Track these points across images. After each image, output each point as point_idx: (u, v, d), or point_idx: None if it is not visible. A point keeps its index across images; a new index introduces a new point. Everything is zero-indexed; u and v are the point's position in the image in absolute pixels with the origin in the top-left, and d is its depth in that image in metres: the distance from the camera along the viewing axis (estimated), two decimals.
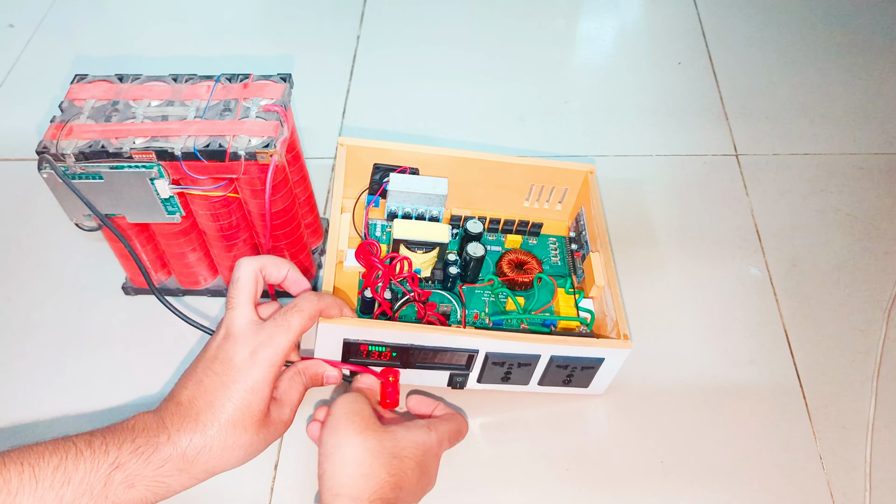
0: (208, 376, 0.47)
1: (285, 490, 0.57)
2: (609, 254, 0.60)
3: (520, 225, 0.68)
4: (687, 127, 0.82)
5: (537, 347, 0.55)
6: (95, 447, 0.42)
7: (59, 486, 0.40)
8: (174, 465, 0.44)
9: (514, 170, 0.66)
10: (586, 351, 0.55)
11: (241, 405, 0.46)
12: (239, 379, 0.46)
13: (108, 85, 0.58)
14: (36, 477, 0.40)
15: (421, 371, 0.57)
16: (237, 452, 0.47)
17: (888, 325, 0.65)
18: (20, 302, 0.69)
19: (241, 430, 0.46)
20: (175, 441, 0.45)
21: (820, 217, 0.73)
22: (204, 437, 0.45)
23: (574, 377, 0.58)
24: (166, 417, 0.46)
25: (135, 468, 0.43)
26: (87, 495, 0.41)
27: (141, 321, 0.67)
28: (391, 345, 0.54)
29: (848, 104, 0.84)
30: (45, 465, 0.41)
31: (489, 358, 0.55)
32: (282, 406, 0.50)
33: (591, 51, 0.93)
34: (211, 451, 0.45)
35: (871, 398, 0.60)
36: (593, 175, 0.66)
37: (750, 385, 0.61)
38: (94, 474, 0.41)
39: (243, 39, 0.95)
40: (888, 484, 0.56)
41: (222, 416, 0.46)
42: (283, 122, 0.56)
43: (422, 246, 0.61)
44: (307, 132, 0.82)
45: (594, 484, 0.56)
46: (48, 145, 0.54)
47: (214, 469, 0.46)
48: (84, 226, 0.58)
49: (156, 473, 0.44)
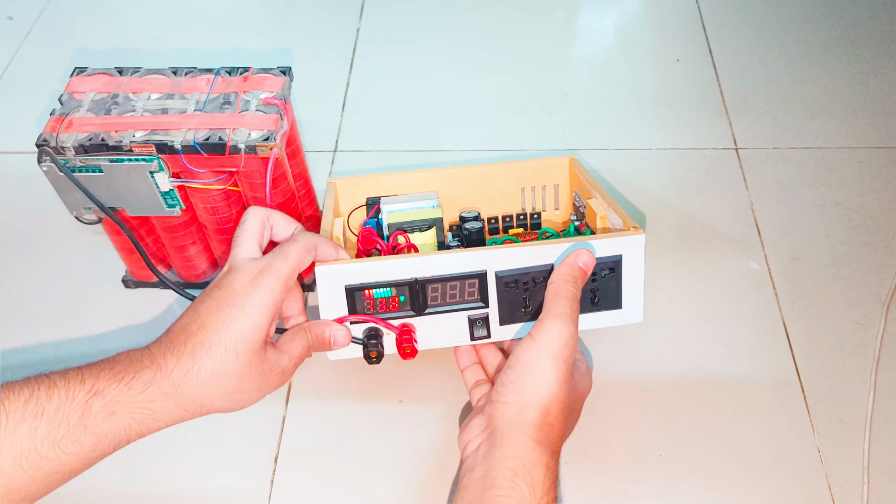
0: (204, 303, 0.45)
1: (286, 488, 0.57)
2: (607, 196, 0.59)
3: (519, 217, 0.67)
4: (687, 120, 0.82)
5: (548, 254, 0.51)
6: (70, 377, 0.40)
7: (31, 418, 0.38)
8: (158, 388, 0.41)
9: (500, 173, 0.66)
10: (600, 249, 0.52)
11: (236, 328, 0.44)
12: (236, 302, 0.44)
13: (107, 78, 0.58)
14: (5, 410, 0.37)
15: (438, 324, 0.54)
16: (227, 381, 0.43)
17: (887, 318, 0.65)
18: (19, 295, 0.69)
19: (232, 355, 0.43)
20: (160, 364, 0.42)
21: (819, 211, 0.73)
22: (192, 359, 0.42)
23: (600, 291, 0.54)
24: (153, 347, 0.43)
25: (114, 394, 0.40)
26: (63, 426, 0.38)
27: (141, 314, 0.67)
28: (396, 283, 0.52)
29: (848, 98, 0.84)
30: (14, 398, 0.38)
31: (500, 280, 0.52)
32: (281, 353, 0.48)
33: (590, 44, 0.93)
34: (199, 375, 0.42)
35: (869, 392, 0.60)
36: (576, 160, 0.65)
37: (749, 379, 0.61)
38: (69, 403, 0.39)
39: (243, 32, 0.95)
40: (886, 477, 0.56)
41: (214, 336, 0.43)
42: (283, 116, 0.56)
43: (418, 225, 0.61)
44: (307, 125, 0.82)
45: (593, 477, 0.56)
46: (48, 138, 0.54)
47: (202, 399, 0.43)
48: (84, 219, 0.58)
49: (139, 399, 0.41)
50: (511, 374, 0.48)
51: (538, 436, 0.45)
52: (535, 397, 0.46)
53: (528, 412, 0.46)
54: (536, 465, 0.44)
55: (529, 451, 0.44)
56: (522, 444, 0.45)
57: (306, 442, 0.59)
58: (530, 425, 0.46)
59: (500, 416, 0.47)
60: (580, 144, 0.80)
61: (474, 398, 0.55)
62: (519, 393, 0.47)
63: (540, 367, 0.47)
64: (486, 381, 0.56)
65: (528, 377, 0.47)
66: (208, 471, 0.57)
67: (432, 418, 0.59)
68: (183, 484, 0.57)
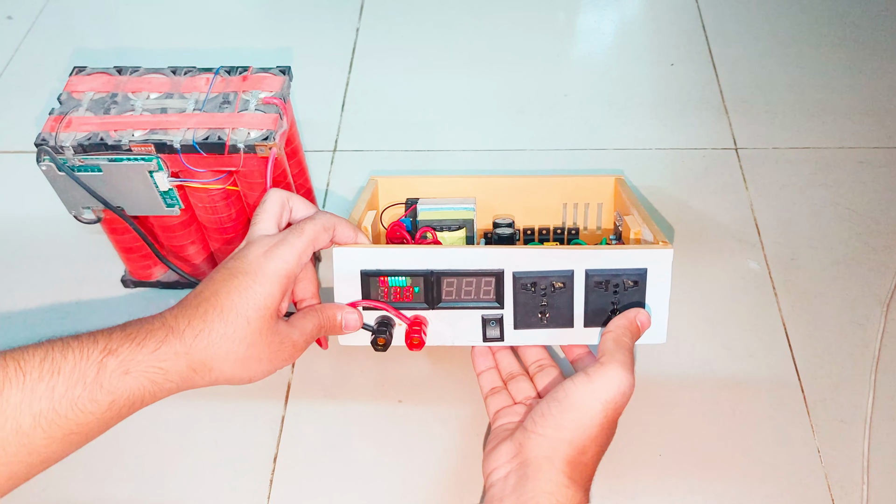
0: (219, 272, 0.46)
1: (285, 488, 0.57)
2: (644, 212, 0.58)
3: (556, 231, 0.66)
4: (686, 120, 0.82)
5: (568, 259, 0.50)
6: (83, 339, 0.40)
7: (48, 377, 0.38)
8: (170, 347, 0.42)
9: (542, 187, 0.64)
10: (624, 259, 0.50)
11: (249, 294, 0.44)
12: (249, 270, 0.45)
13: (106, 77, 0.58)
14: (22, 370, 0.38)
15: (451, 320, 0.53)
16: (237, 347, 0.44)
17: (887, 319, 0.65)
18: (18, 294, 0.69)
19: (243, 321, 0.44)
20: (171, 325, 0.43)
21: (819, 211, 0.73)
22: (204, 321, 0.43)
23: (621, 305, 0.52)
24: (165, 312, 0.44)
25: (128, 353, 0.40)
26: (80, 384, 0.39)
27: (140, 314, 0.66)
28: (412, 272, 0.51)
29: (848, 98, 0.84)
30: (29, 358, 0.38)
31: (518, 281, 0.51)
32: (292, 327, 0.48)
33: (590, 44, 0.93)
34: (210, 337, 0.43)
35: (869, 392, 0.60)
36: (622, 180, 0.64)
37: (748, 379, 0.61)
38: (85, 362, 0.39)
39: (242, 32, 0.95)
40: (886, 477, 0.56)
41: (226, 301, 0.44)
42: (283, 115, 0.56)
43: (449, 225, 0.60)
44: (306, 125, 0.82)
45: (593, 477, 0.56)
46: (47, 137, 0.54)
47: (212, 362, 0.43)
48: (83, 218, 0.58)
49: (151, 358, 0.41)
50: (555, 407, 0.47)
51: (572, 473, 0.45)
52: (576, 436, 0.46)
53: (565, 449, 0.46)
54: (570, 502, 0.44)
55: (564, 487, 0.44)
56: (556, 480, 0.45)
57: (305, 442, 0.59)
58: (565, 461, 0.46)
59: (535, 448, 0.46)
60: (580, 144, 0.80)
61: (491, 410, 0.55)
62: (559, 429, 0.46)
63: (590, 408, 0.46)
64: (503, 388, 0.56)
65: (575, 416, 0.46)
66: (207, 470, 0.57)
67: (432, 419, 0.59)
68: (182, 484, 0.57)
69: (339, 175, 0.78)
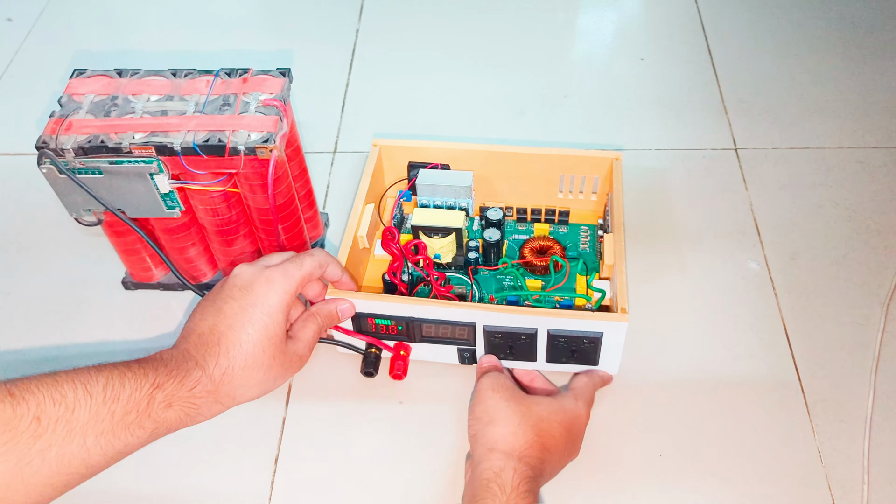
0: (227, 303, 0.50)
1: (286, 490, 0.57)
2: (621, 235, 0.61)
3: (547, 213, 0.69)
4: (686, 121, 0.82)
5: (532, 321, 0.56)
6: (135, 370, 0.45)
7: (110, 402, 0.43)
8: (203, 387, 0.47)
9: (542, 161, 0.67)
10: (583, 325, 0.55)
11: (260, 326, 0.49)
12: (257, 302, 0.50)
13: (107, 80, 0.58)
14: (89, 393, 0.42)
15: (431, 346, 0.60)
16: (256, 373, 0.50)
17: (887, 318, 0.65)
18: (19, 297, 0.69)
19: (259, 350, 0.49)
20: (202, 365, 0.48)
21: (819, 211, 0.73)
22: (227, 359, 0.48)
23: (579, 353, 0.58)
24: (191, 349, 0.49)
25: (171, 389, 0.46)
26: (134, 411, 0.44)
27: (141, 315, 0.67)
28: (394, 317, 0.57)
29: (847, 98, 0.84)
30: (94, 383, 0.43)
31: (488, 331, 0.57)
32: (296, 342, 0.53)
33: (590, 44, 0.93)
34: (234, 371, 0.48)
35: (869, 392, 0.60)
36: (619, 161, 0.66)
37: (749, 379, 0.61)
38: (139, 392, 0.44)
39: (242, 34, 0.95)
40: (886, 477, 0.56)
41: (243, 335, 0.49)
42: (283, 117, 0.56)
43: (438, 231, 0.64)
44: (306, 126, 0.82)
45: (593, 477, 0.56)
46: (47, 140, 0.54)
47: (235, 392, 0.49)
48: (83, 220, 0.59)
49: (189, 395, 0.46)
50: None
51: (506, 448, 0.50)
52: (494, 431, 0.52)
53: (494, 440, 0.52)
54: (505, 469, 0.49)
55: (497, 460, 0.50)
56: (491, 458, 0.50)
57: (306, 443, 0.59)
58: (495, 442, 0.51)
59: (477, 447, 0.52)
60: (580, 145, 0.80)
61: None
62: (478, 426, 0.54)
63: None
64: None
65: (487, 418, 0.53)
66: (209, 472, 0.57)
67: (432, 419, 0.59)
68: (184, 486, 0.57)
69: (339, 176, 0.78)
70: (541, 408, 0.53)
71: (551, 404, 0.54)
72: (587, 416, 0.55)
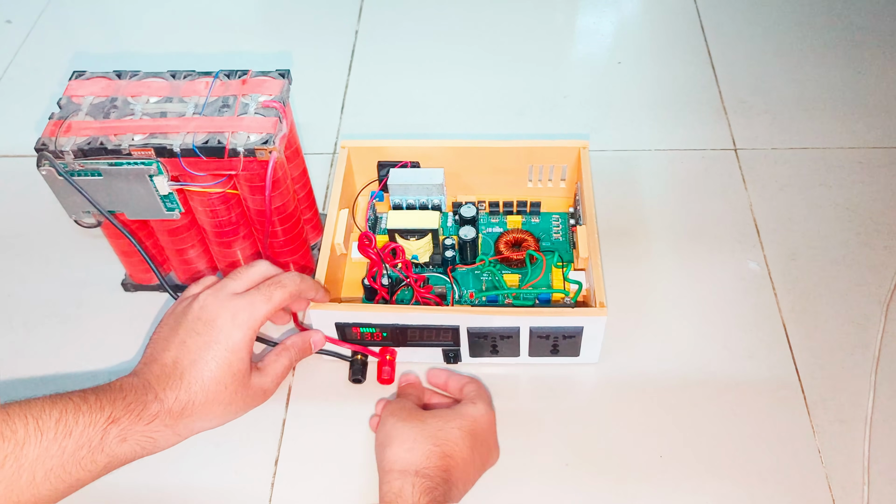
0: (191, 337, 0.49)
1: (286, 492, 0.57)
2: (594, 226, 0.62)
3: (519, 206, 0.69)
4: (685, 121, 0.82)
5: (515, 320, 0.57)
6: (91, 403, 0.44)
7: (61, 438, 0.42)
8: (161, 421, 0.47)
9: (511, 153, 0.68)
10: (563, 320, 0.57)
11: (223, 363, 0.49)
12: (220, 339, 0.49)
13: (106, 81, 0.58)
14: (40, 429, 0.42)
15: (416, 349, 0.60)
16: (217, 409, 0.49)
17: (886, 319, 0.65)
18: (19, 298, 0.69)
19: (221, 387, 0.49)
20: (162, 398, 0.47)
21: (818, 211, 0.73)
22: (188, 393, 0.48)
23: (560, 347, 0.59)
24: (152, 379, 0.48)
25: (127, 423, 0.45)
26: (86, 447, 0.43)
27: (140, 317, 0.67)
28: (379, 325, 0.58)
29: (847, 98, 0.84)
30: (47, 418, 0.42)
31: (471, 332, 0.58)
32: (264, 375, 0.53)
33: (589, 45, 0.93)
34: (194, 406, 0.48)
35: (869, 392, 0.60)
36: (586, 150, 0.67)
37: (749, 379, 0.61)
38: (92, 428, 0.44)
39: (241, 35, 0.95)
40: (886, 477, 0.56)
41: (205, 372, 0.48)
42: (282, 119, 0.56)
43: (414, 233, 0.64)
44: (306, 128, 0.82)
45: (594, 478, 0.56)
46: (47, 142, 0.54)
47: (194, 425, 0.49)
48: (83, 222, 0.59)
49: (145, 429, 0.46)
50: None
51: (402, 466, 0.50)
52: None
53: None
54: (403, 487, 0.48)
55: (395, 481, 0.49)
56: (390, 479, 0.50)
57: (306, 445, 0.59)
58: (392, 462, 0.51)
59: (379, 472, 0.52)
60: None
61: None
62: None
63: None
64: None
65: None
66: (208, 475, 0.57)
67: None
68: (183, 488, 0.57)
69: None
70: (436, 419, 0.52)
71: (447, 413, 0.53)
72: (490, 414, 0.55)
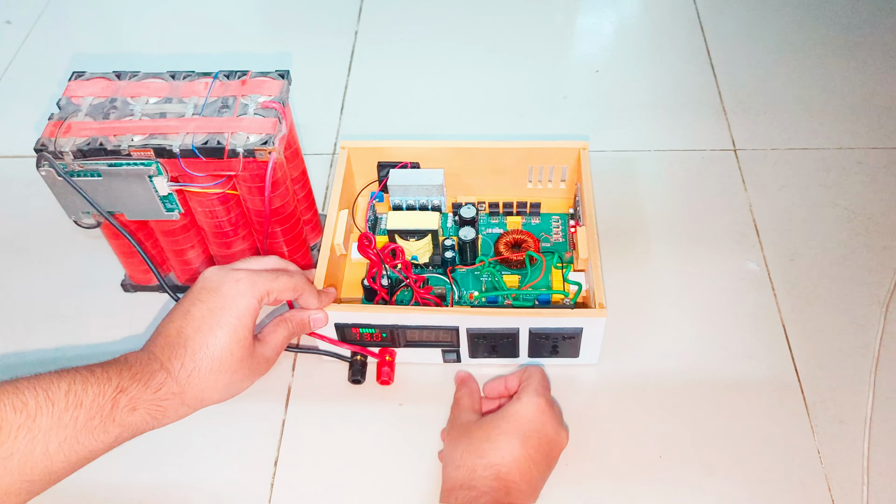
0: (195, 306, 0.50)
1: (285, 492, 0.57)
2: (594, 227, 0.61)
3: (519, 206, 0.69)
4: (685, 122, 0.82)
5: (514, 321, 0.57)
6: (98, 375, 0.45)
7: (73, 408, 0.43)
8: (168, 388, 0.47)
9: (511, 154, 0.68)
10: (563, 322, 0.57)
11: (228, 330, 0.49)
12: (226, 305, 0.50)
13: (105, 82, 0.58)
14: (51, 399, 0.42)
15: (416, 349, 0.60)
16: (223, 377, 0.49)
17: (886, 319, 0.65)
18: (19, 299, 0.69)
19: (227, 354, 0.49)
20: (168, 367, 0.47)
21: (818, 212, 0.73)
22: (194, 361, 0.48)
23: (560, 347, 0.59)
24: (156, 350, 0.48)
25: (136, 392, 0.45)
26: (97, 416, 0.43)
27: (140, 318, 0.67)
28: (378, 326, 0.58)
29: (846, 98, 0.84)
30: (56, 390, 0.43)
31: (471, 333, 0.58)
32: (265, 345, 0.53)
33: (589, 45, 0.93)
34: (200, 374, 0.48)
35: (868, 393, 0.60)
36: (586, 151, 0.67)
37: (748, 380, 0.61)
38: (102, 397, 0.44)
39: (241, 36, 0.95)
40: (886, 478, 0.56)
41: (210, 339, 0.48)
42: (282, 119, 0.56)
43: (413, 234, 0.64)
44: (305, 128, 0.82)
45: (593, 478, 0.56)
46: (46, 143, 0.54)
47: (202, 395, 0.49)
48: (82, 223, 0.59)
49: (154, 397, 0.46)
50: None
51: (448, 485, 0.51)
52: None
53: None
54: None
55: (445, 501, 0.50)
56: (442, 500, 0.51)
57: (306, 445, 0.59)
58: (444, 485, 0.51)
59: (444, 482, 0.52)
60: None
61: None
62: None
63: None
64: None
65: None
66: (208, 475, 0.57)
67: (432, 421, 0.59)
68: (183, 488, 0.57)
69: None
70: (481, 430, 0.52)
71: (491, 421, 0.53)
72: (537, 403, 0.53)
